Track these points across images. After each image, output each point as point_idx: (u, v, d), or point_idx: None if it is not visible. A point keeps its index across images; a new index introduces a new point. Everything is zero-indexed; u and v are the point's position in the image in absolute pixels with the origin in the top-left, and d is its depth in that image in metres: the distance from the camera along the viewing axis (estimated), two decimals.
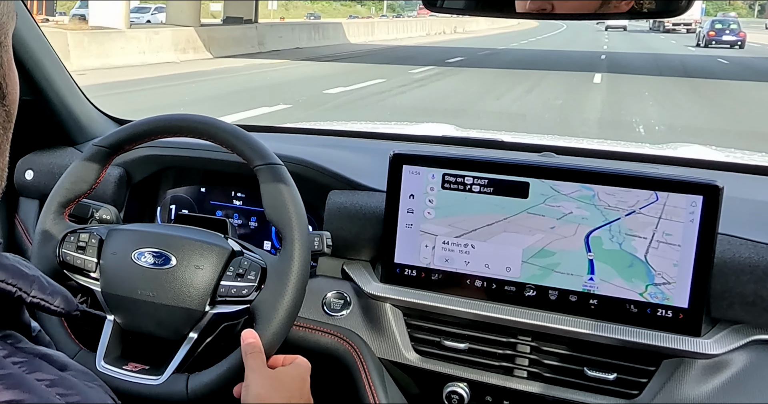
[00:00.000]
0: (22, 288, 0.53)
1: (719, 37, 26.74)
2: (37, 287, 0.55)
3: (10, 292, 0.52)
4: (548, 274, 1.08)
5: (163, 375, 1.03)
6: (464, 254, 1.12)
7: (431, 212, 1.14)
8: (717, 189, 0.99)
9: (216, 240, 1.09)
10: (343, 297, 1.22)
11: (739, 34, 26.62)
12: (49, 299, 0.56)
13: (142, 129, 1.13)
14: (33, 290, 0.54)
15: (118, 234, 1.12)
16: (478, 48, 22.33)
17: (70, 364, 0.52)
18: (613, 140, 1.96)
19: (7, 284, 0.52)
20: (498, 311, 1.10)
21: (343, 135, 1.73)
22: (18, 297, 0.53)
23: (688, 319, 1.02)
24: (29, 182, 1.50)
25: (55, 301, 0.56)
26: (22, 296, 0.53)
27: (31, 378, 0.48)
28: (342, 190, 1.28)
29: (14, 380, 0.47)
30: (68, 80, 1.51)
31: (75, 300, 0.61)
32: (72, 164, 1.15)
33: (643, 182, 1.03)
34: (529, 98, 10.75)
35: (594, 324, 1.05)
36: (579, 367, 1.07)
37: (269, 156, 1.07)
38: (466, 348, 1.13)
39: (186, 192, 1.50)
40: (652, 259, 1.03)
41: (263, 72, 13.58)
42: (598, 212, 1.05)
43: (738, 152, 1.73)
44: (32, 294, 0.54)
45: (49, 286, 0.56)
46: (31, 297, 0.54)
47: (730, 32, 26.64)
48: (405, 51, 20.74)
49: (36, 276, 0.55)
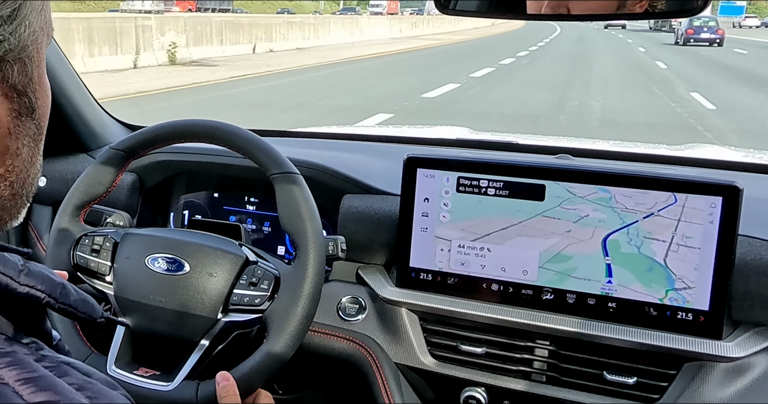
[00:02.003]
0: (50, 294, 0.54)
1: (697, 34, 26.46)
2: (65, 294, 0.55)
3: (39, 298, 0.53)
4: (565, 279, 1.07)
5: (173, 381, 1.03)
6: (480, 257, 1.11)
7: (446, 215, 1.13)
8: (737, 190, 0.97)
9: (230, 247, 1.09)
10: (358, 302, 1.21)
11: (717, 32, 26.28)
12: (77, 305, 0.57)
13: (158, 134, 1.13)
14: (61, 297, 0.55)
15: (132, 238, 1.11)
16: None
17: (92, 372, 0.53)
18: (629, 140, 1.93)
19: (36, 291, 0.53)
20: (515, 315, 1.09)
21: (357, 139, 1.72)
22: (46, 303, 0.54)
23: (709, 322, 1.00)
24: (42, 188, 1.51)
25: (81, 308, 0.57)
26: (50, 303, 0.54)
27: (62, 381, 0.49)
28: (356, 194, 1.27)
29: (47, 382, 0.48)
30: (80, 87, 1.52)
31: (100, 307, 0.62)
32: (88, 167, 1.16)
33: (660, 184, 1.02)
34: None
35: (613, 327, 1.04)
36: (598, 371, 1.06)
37: (285, 164, 1.06)
38: (483, 352, 1.12)
39: (199, 197, 1.49)
40: (672, 263, 1.02)
41: None
42: (615, 214, 1.04)
43: (757, 153, 1.71)
44: (60, 300, 0.55)
45: (76, 293, 0.57)
46: (59, 304, 0.55)
47: (708, 30, 26.31)
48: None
49: (63, 283, 0.56)
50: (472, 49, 22.85)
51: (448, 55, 19.79)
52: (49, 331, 0.58)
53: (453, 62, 16.71)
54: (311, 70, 14.49)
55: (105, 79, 11.40)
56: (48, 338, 0.57)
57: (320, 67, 14.96)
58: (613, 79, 13.62)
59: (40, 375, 0.48)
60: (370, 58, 17.89)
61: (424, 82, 11.99)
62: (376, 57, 18.40)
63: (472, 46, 24.82)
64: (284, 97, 10.10)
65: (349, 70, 15.01)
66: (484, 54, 19.78)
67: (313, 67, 14.89)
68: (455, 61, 17.43)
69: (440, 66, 15.56)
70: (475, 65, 15.18)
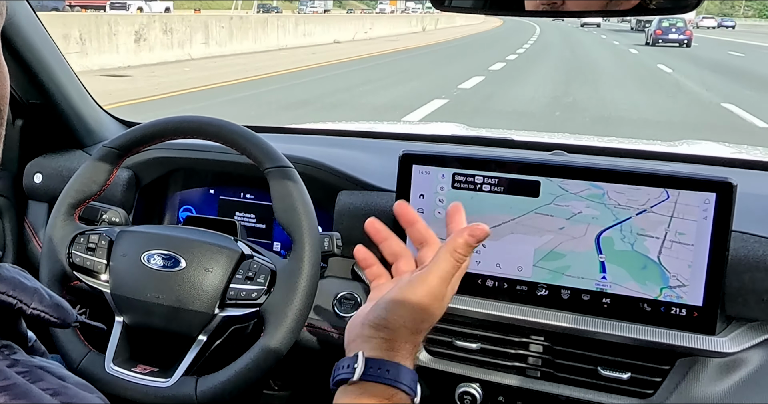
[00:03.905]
0: (22, 300, 0.53)
1: (665, 35, 26.53)
2: (37, 299, 0.55)
3: (11, 304, 0.53)
4: (559, 277, 1.07)
5: (172, 377, 1.03)
6: (475, 253, 1.10)
7: (441, 211, 1.13)
8: (730, 186, 0.98)
9: (225, 243, 1.09)
10: (353, 298, 1.21)
11: (685, 33, 26.36)
12: (49, 311, 0.56)
13: (152, 131, 1.13)
14: (33, 302, 0.54)
15: (127, 236, 1.12)
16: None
17: (67, 375, 0.53)
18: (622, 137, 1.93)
19: (7, 297, 0.52)
20: (510, 310, 1.09)
21: (352, 135, 1.72)
22: (18, 309, 0.53)
23: (703, 317, 1.01)
24: (38, 185, 1.51)
25: (54, 313, 0.57)
26: (23, 308, 0.54)
27: (35, 387, 0.48)
28: (351, 190, 1.27)
29: (20, 389, 0.47)
30: (76, 83, 1.52)
31: (74, 312, 0.61)
32: (82, 166, 1.16)
33: (653, 180, 1.02)
34: None
35: (607, 322, 1.04)
36: (592, 367, 1.06)
37: (279, 159, 1.07)
38: (478, 348, 1.12)
39: (195, 194, 1.50)
40: (666, 260, 1.02)
41: None
42: (608, 211, 1.04)
43: (751, 149, 1.72)
44: (32, 306, 0.54)
45: (49, 298, 0.57)
46: (32, 309, 0.54)
47: (677, 30, 26.38)
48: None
49: (36, 288, 0.55)
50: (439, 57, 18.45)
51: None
52: (24, 333, 0.58)
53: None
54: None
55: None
56: (23, 340, 0.57)
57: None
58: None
59: (13, 383, 0.47)
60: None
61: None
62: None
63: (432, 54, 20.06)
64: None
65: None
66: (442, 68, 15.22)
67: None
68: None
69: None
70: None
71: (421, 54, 19.95)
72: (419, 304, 0.72)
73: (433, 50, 21.85)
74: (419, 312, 0.72)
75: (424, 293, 0.72)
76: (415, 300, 0.72)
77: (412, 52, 20.33)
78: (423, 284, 0.73)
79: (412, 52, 20.33)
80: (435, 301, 0.73)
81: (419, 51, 21.13)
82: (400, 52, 20.38)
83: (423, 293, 0.72)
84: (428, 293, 0.72)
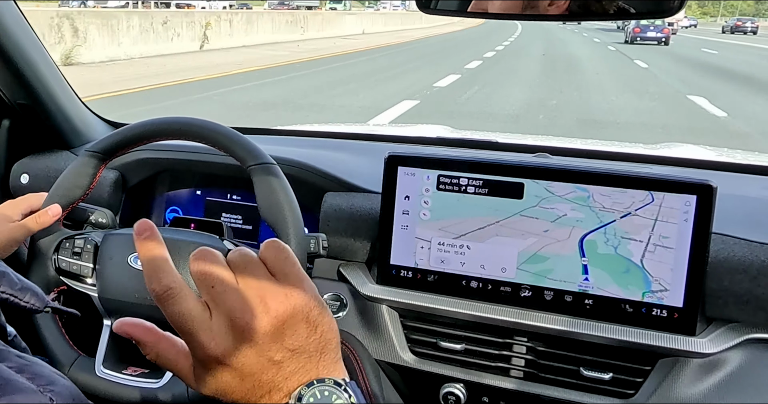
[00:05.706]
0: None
1: (644, 33, 26.68)
2: (6, 283, 0.53)
3: None
4: (542, 280, 1.08)
5: (162, 378, 1.04)
6: (460, 255, 1.13)
7: (426, 213, 1.14)
8: (711, 189, 0.99)
9: (212, 242, 1.09)
10: (339, 299, 1.22)
11: (663, 31, 26.50)
12: (19, 294, 0.55)
13: (134, 133, 1.13)
14: (2, 286, 0.53)
15: (113, 239, 1.12)
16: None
17: (35, 360, 0.51)
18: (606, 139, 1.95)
19: None
20: (494, 311, 1.10)
21: (338, 137, 1.73)
22: None
23: (683, 318, 1.02)
24: (25, 185, 1.50)
25: (24, 297, 0.55)
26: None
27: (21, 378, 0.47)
28: (337, 192, 1.28)
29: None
30: (63, 84, 1.51)
31: (46, 297, 0.59)
32: (65, 171, 1.16)
33: (637, 182, 1.03)
34: None
35: (589, 323, 1.05)
36: (575, 367, 1.07)
37: (262, 156, 1.07)
38: (462, 348, 1.13)
39: (182, 195, 1.50)
40: (649, 264, 1.03)
41: None
42: (593, 213, 1.05)
43: (731, 152, 1.74)
44: (1, 290, 0.53)
45: (19, 282, 0.55)
46: (0, 293, 0.53)
47: (655, 28, 26.49)
48: None
49: (5, 272, 0.54)
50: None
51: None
52: (2, 325, 0.56)
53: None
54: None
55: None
56: (2, 332, 0.55)
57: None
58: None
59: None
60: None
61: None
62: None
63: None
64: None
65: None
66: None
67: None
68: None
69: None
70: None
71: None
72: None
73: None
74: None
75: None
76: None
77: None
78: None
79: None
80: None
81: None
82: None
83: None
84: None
